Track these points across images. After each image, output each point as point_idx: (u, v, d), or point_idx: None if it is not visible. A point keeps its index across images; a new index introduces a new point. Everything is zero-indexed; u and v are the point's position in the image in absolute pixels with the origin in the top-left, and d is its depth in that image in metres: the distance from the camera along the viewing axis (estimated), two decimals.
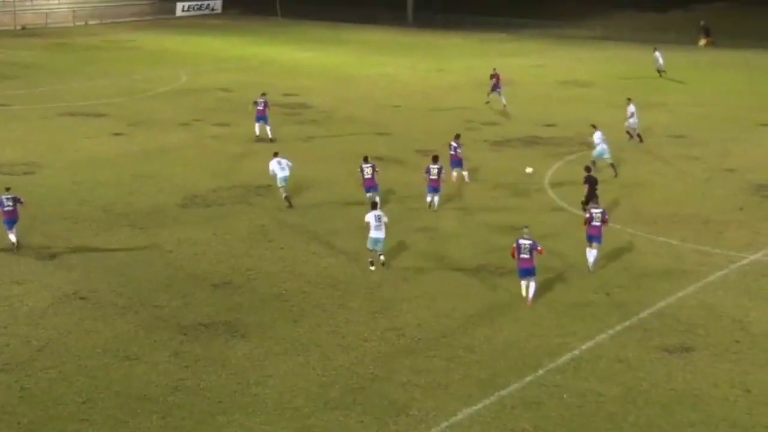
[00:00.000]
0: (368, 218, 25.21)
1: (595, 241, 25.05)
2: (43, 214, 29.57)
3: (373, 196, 29.57)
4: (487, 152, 38.42)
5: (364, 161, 30.17)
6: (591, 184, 29.24)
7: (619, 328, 21.71)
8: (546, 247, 23.87)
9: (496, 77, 47.56)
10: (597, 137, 35.11)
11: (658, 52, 57.02)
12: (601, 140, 35.02)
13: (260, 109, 39.69)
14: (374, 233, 25.01)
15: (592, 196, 27.96)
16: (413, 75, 59.19)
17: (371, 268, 25.11)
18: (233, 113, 44.30)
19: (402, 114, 46.56)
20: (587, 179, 29.46)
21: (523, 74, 58.00)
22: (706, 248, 27.12)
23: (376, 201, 27.11)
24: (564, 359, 20.14)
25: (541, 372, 19.56)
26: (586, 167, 30.65)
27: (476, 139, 38.97)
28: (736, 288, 24.27)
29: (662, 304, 23.11)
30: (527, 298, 22.98)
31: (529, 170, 33.52)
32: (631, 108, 39.55)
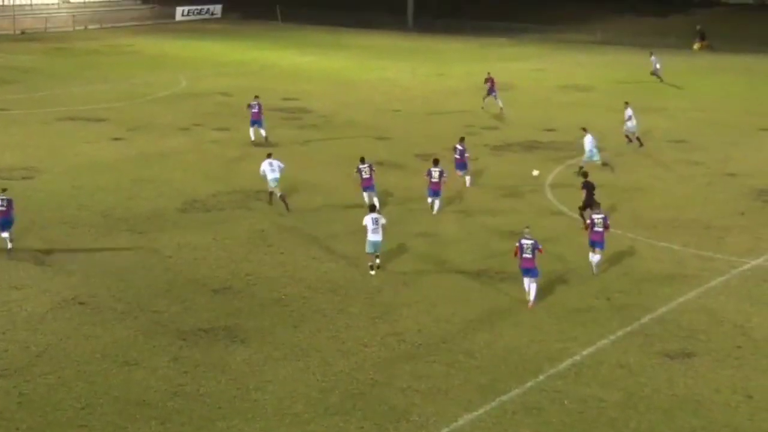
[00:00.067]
0: (366, 221, 25.18)
1: (597, 247, 25.01)
2: (42, 219, 29.51)
3: (371, 196, 29.60)
4: (488, 156, 38.37)
5: (361, 162, 30.35)
6: (589, 189, 29.15)
7: (621, 333, 21.65)
8: (546, 251, 23.87)
9: (490, 81, 47.59)
10: (588, 141, 35.08)
11: (654, 56, 56.97)
12: (592, 144, 34.98)
13: (255, 112, 39.67)
14: (372, 236, 24.96)
15: (591, 202, 27.88)
16: (413, 79, 59.16)
17: (371, 273, 25.04)
18: (233, 118, 44.23)
19: (402, 118, 46.53)
20: (585, 185, 29.40)
21: (523, 79, 58.01)
22: (707, 253, 27.07)
23: (374, 204, 27.04)
24: (565, 364, 20.08)
25: (542, 377, 19.50)
26: (583, 173, 30.57)
27: (476, 144, 38.88)
28: (737, 293, 24.21)
29: (663, 309, 23.06)
30: (528, 299, 22.92)
31: (536, 173, 33.43)
32: (628, 112, 39.52)
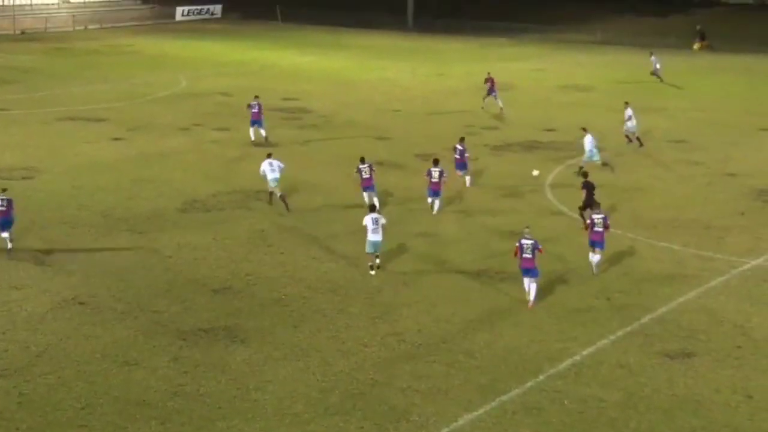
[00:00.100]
0: (366, 221, 25.18)
1: (597, 247, 25.01)
2: (42, 219, 29.51)
3: (371, 196, 29.59)
4: (488, 156, 38.37)
5: (361, 162, 30.36)
6: (589, 189, 29.13)
7: (621, 333, 21.65)
8: (546, 251, 23.88)
9: (490, 81, 47.61)
10: (588, 141, 35.08)
11: (654, 56, 56.96)
12: (592, 144, 34.98)
13: (255, 112, 39.68)
14: (372, 236, 24.96)
15: (591, 202, 27.88)
16: (413, 79, 59.15)
17: (371, 273, 25.04)
18: (233, 118, 44.22)
19: (402, 118, 46.52)
20: (585, 185, 29.39)
21: (523, 79, 58.00)
22: (707, 253, 27.06)
23: (374, 204, 26.99)
24: (565, 364, 20.07)
25: (542, 377, 19.50)
26: (583, 173, 30.56)
27: (476, 144, 38.88)
28: (737, 293, 24.20)
29: (663, 309, 23.05)
30: (529, 299, 22.93)
31: (536, 173, 33.41)
32: (628, 111, 39.51)
